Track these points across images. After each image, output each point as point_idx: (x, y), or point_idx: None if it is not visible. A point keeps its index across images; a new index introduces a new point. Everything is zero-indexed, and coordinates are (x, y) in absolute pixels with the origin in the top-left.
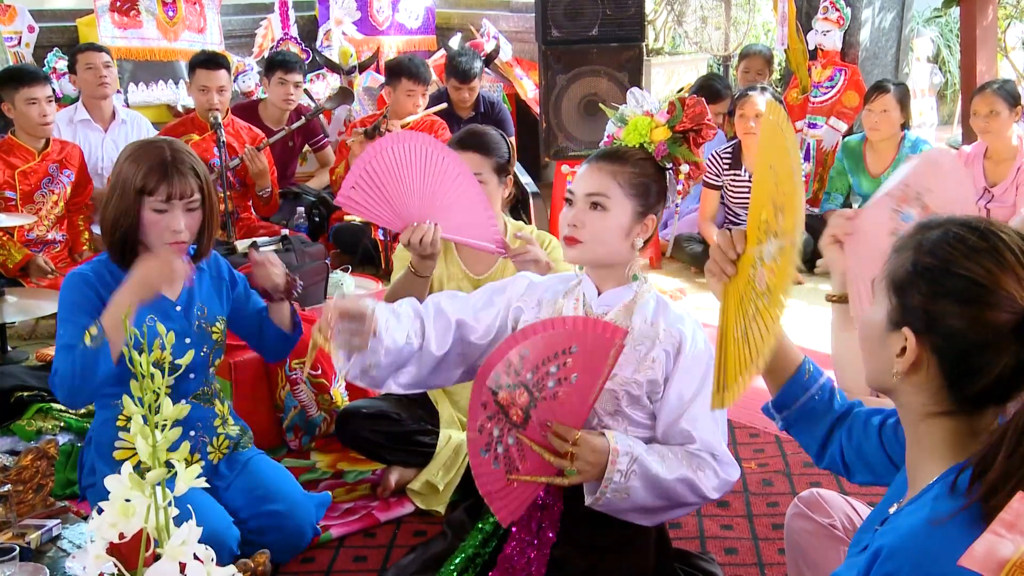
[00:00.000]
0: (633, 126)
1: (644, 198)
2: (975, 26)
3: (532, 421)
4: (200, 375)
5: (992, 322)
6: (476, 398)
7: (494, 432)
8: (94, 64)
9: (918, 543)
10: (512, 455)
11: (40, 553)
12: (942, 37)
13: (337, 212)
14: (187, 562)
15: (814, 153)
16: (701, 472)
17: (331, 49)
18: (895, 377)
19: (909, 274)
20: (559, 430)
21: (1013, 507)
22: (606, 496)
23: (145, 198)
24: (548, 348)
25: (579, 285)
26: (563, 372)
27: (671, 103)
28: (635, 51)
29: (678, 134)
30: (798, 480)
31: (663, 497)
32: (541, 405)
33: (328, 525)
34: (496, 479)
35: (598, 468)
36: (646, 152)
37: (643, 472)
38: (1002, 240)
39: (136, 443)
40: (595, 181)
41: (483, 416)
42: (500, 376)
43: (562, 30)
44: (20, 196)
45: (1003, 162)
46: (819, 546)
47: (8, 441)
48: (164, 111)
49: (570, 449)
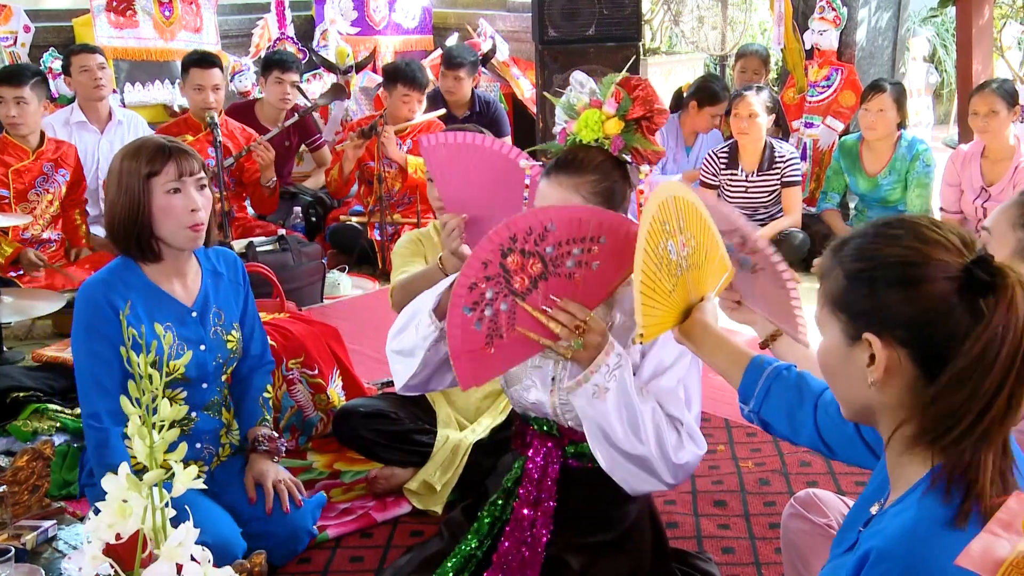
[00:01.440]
0: (584, 121)
1: (610, 202)
2: (971, 26)
3: (536, 292)
4: (213, 385)
5: (937, 293)
6: (479, 254)
7: (487, 293)
8: (88, 66)
9: (907, 546)
10: (500, 322)
11: (36, 554)
12: (938, 37)
13: (333, 212)
14: (184, 563)
15: (810, 153)
16: (668, 426)
17: (328, 49)
18: (872, 387)
19: (845, 287)
20: (572, 307)
21: (1010, 507)
22: (585, 386)
23: (154, 182)
24: (579, 230)
25: None
26: (585, 257)
27: (616, 90)
28: (632, 51)
29: (631, 123)
30: (795, 479)
31: (631, 425)
32: (552, 280)
33: (325, 525)
34: (472, 340)
35: (595, 353)
36: (603, 151)
37: (621, 381)
38: (916, 221)
39: (133, 444)
40: (557, 198)
41: (481, 274)
42: (517, 239)
43: (559, 30)
44: (14, 195)
45: (1000, 161)
46: (815, 546)
47: (4, 442)
48: (161, 111)
49: (581, 324)
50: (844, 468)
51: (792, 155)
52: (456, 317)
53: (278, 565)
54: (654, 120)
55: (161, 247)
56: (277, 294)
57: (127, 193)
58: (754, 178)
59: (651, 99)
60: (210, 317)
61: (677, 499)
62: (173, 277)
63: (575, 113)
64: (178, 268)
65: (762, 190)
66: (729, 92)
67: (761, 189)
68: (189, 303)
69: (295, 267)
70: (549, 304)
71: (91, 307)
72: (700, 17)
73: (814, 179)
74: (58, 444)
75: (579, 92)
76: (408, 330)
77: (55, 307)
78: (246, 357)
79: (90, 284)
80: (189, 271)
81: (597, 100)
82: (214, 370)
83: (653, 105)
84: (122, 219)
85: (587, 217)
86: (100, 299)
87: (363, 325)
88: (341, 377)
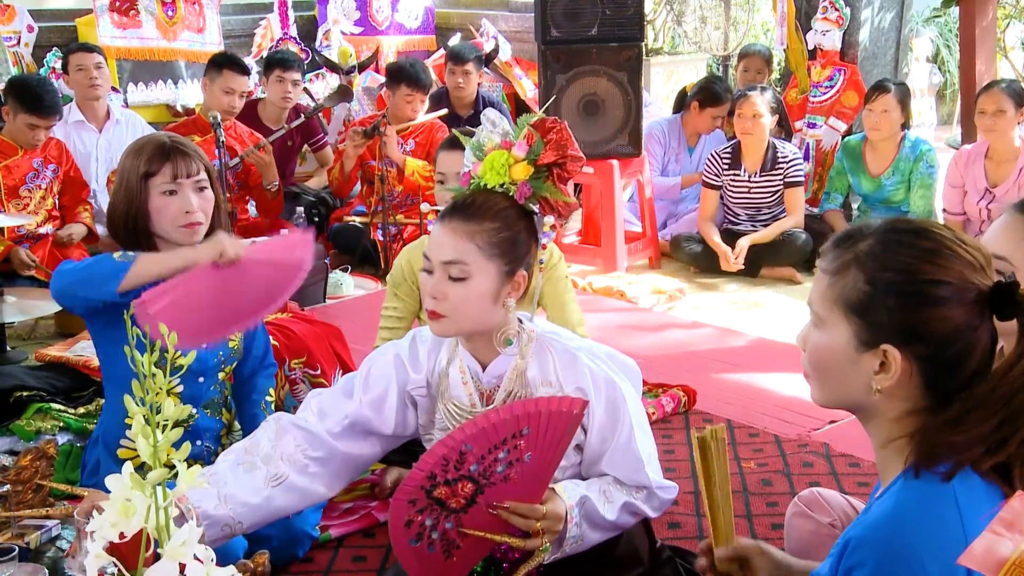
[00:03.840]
0: (489, 163)
1: (510, 254)
2: (974, 26)
3: (477, 506)
4: (209, 380)
5: (965, 314)
6: (403, 496)
7: (426, 522)
8: (85, 65)
9: (881, 533)
10: (451, 537)
11: (39, 553)
12: (941, 37)
13: (336, 212)
14: (187, 563)
15: (813, 153)
16: (639, 498)
17: (330, 49)
18: (876, 395)
19: (868, 293)
20: (521, 509)
21: (1013, 506)
22: (566, 552)
23: (151, 183)
24: (496, 436)
25: (457, 351)
26: (514, 454)
27: (528, 131)
28: (634, 51)
29: (541, 168)
30: (797, 480)
31: (613, 529)
32: (489, 490)
33: (327, 525)
34: (431, 560)
35: (559, 531)
36: (507, 198)
37: (591, 519)
38: (940, 234)
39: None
40: (450, 247)
41: (412, 511)
42: (437, 475)
43: (561, 30)
44: (5, 190)
45: (1005, 162)
46: (819, 545)
47: (7, 441)
48: (163, 111)
49: (539, 526)
50: (846, 469)
51: (795, 155)
52: (406, 552)
53: (280, 566)
54: (566, 167)
55: (159, 243)
56: None
57: (126, 191)
58: (757, 178)
59: (565, 144)
60: None
61: (679, 499)
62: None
63: (483, 153)
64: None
65: (765, 190)
66: (731, 93)
67: (764, 189)
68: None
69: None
70: (490, 514)
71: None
72: (703, 17)
73: (816, 179)
74: (61, 443)
75: (490, 132)
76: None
77: (58, 307)
78: (248, 358)
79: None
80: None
81: (508, 141)
82: (213, 366)
83: (567, 151)
84: (122, 215)
85: (499, 420)
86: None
87: (366, 325)
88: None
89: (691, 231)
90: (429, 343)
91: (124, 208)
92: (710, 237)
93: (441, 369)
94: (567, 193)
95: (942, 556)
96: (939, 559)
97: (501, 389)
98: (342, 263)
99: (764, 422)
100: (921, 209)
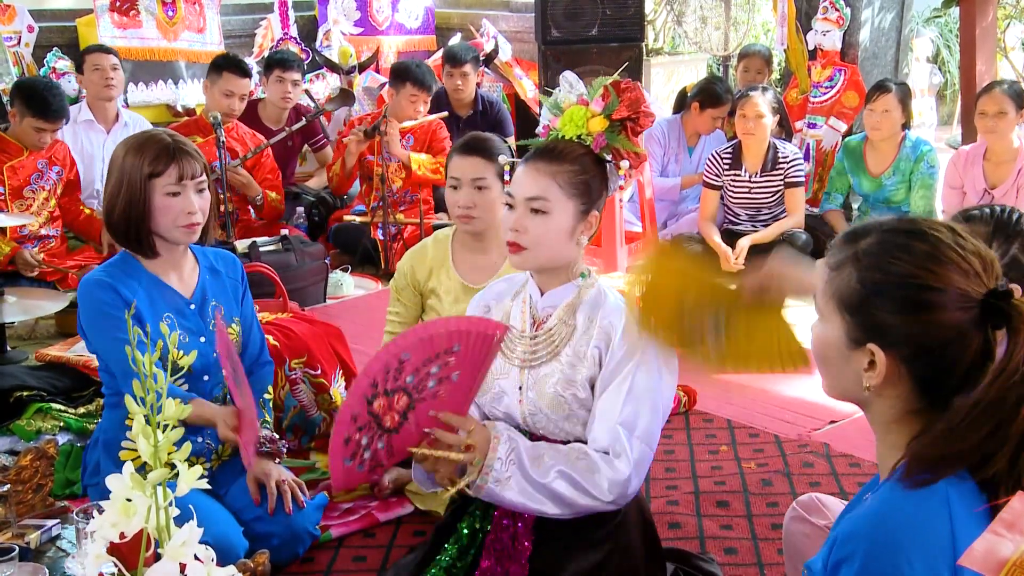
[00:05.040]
0: (569, 116)
1: (586, 196)
2: (974, 26)
3: (408, 423)
4: (213, 377)
5: (954, 321)
6: (347, 410)
7: (362, 441)
8: (101, 66)
9: (872, 527)
10: (380, 457)
11: (40, 553)
12: (941, 37)
13: (336, 212)
14: (187, 563)
15: (814, 153)
16: (584, 471)
17: (331, 49)
18: (867, 391)
19: (859, 292)
20: (453, 420)
21: (1013, 507)
22: (488, 484)
23: (155, 183)
24: (431, 348)
25: (526, 286)
26: (445, 371)
27: (605, 89)
28: (635, 51)
29: (615, 123)
30: (797, 480)
31: (552, 498)
32: (420, 406)
33: (328, 525)
34: (356, 476)
35: (485, 452)
36: (584, 146)
37: (520, 466)
38: (938, 238)
39: (138, 443)
40: (534, 184)
41: (352, 428)
42: (378, 383)
43: (562, 30)
44: (9, 191)
45: (1004, 164)
46: (816, 548)
47: (8, 441)
48: (163, 111)
49: (469, 441)
50: (847, 469)
51: (795, 156)
52: (338, 468)
53: (280, 565)
54: (639, 122)
55: (156, 241)
56: (280, 294)
57: (128, 188)
58: (757, 179)
59: (639, 101)
60: (209, 310)
61: (680, 500)
62: (170, 271)
63: (560, 111)
64: (174, 262)
65: (765, 191)
66: (732, 94)
67: (764, 190)
68: (187, 295)
69: (298, 267)
70: (420, 431)
71: (101, 295)
72: (703, 17)
73: (817, 180)
74: (62, 443)
75: (567, 92)
76: None
77: (58, 307)
78: (244, 355)
79: (94, 275)
80: (185, 265)
81: (584, 99)
82: (214, 362)
83: (640, 107)
84: (121, 211)
85: (435, 332)
86: (108, 287)
87: (366, 325)
88: (344, 377)
89: (691, 231)
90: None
91: (125, 207)
92: (710, 237)
93: (504, 297)
94: (638, 144)
95: (929, 552)
96: (926, 555)
97: (553, 317)
98: (342, 263)
99: (764, 422)
100: (922, 209)
